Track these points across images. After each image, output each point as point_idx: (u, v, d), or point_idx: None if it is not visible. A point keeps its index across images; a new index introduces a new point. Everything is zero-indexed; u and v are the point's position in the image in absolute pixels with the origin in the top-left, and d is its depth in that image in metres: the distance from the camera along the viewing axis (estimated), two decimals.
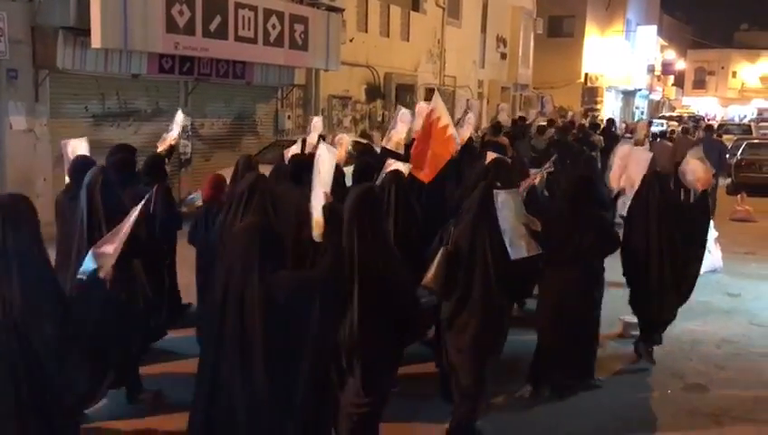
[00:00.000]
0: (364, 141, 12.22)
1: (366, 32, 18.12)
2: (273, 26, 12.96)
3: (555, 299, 5.22)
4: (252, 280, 2.88)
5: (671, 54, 49.25)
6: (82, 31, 9.91)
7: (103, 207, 4.41)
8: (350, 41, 17.00)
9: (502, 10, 26.80)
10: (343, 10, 15.57)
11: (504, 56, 27.63)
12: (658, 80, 48.41)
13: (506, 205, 4.20)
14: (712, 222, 8.38)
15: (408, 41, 20.33)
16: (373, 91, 18.71)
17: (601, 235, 5.24)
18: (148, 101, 12.20)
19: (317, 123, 8.38)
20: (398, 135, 7.43)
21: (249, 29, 12.42)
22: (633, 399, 5.50)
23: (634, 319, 6.81)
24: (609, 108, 36.93)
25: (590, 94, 35.42)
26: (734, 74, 62.23)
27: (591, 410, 5.22)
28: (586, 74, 35.26)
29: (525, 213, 4.41)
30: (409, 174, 5.84)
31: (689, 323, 7.16)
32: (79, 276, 3.60)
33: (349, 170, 6.21)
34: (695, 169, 6.22)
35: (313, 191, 3.72)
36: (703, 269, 8.89)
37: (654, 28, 41.64)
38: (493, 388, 4.65)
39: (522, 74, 29.20)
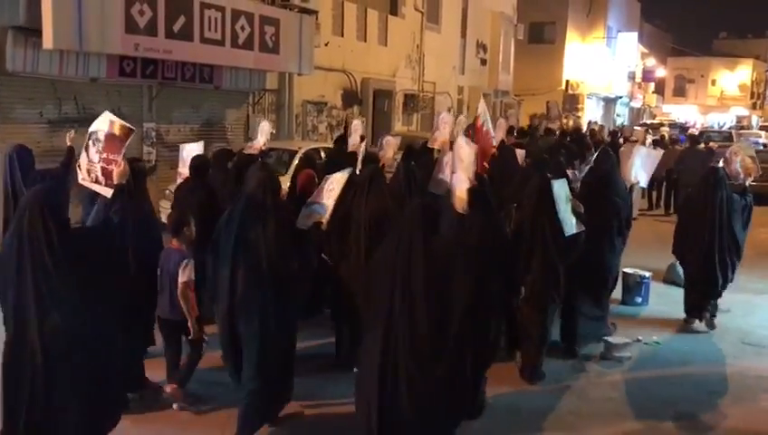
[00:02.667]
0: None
1: (342, 36, 17.60)
2: (242, 28, 12.39)
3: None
4: (417, 243, 3.61)
5: (652, 62, 49.27)
6: (34, 31, 9.28)
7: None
8: (326, 44, 16.48)
9: (482, 15, 26.42)
10: (317, 12, 15.03)
11: (484, 62, 27.24)
12: (639, 87, 48.36)
13: (559, 192, 5.04)
14: None
15: (385, 45, 19.83)
16: (350, 97, 18.18)
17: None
18: (109, 106, 11.44)
19: (357, 126, 8.84)
20: (442, 136, 8.25)
21: (216, 30, 11.84)
22: (621, 431, 5.00)
23: (619, 340, 6.36)
24: (590, 115, 36.66)
25: (571, 101, 35.11)
26: (714, 82, 62.69)
27: None
28: (567, 81, 34.95)
29: (572, 197, 5.37)
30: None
31: (678, 344, 6.71)
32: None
33: None
34: (743, 159, 7.25)
35: (461, 174, 4.74)
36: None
37: (635, 35, 41.52)
38: None
39: (502, 81, 28.81)
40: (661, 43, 54.44)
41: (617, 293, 7.96)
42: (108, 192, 4.52)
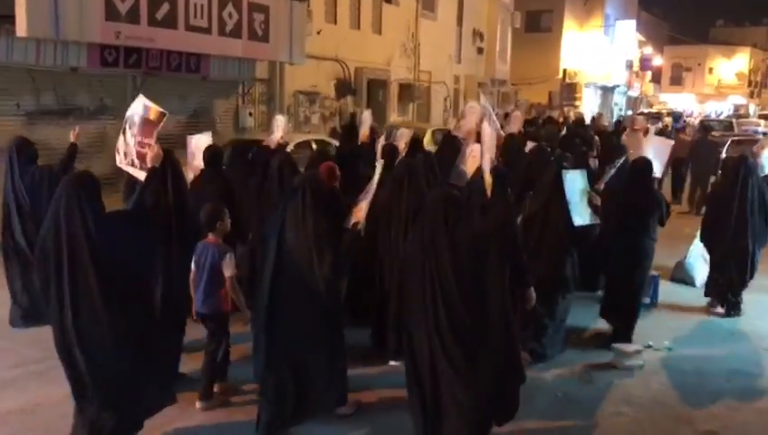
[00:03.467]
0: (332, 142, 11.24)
1: (335, 23, 17.09)
2: (230, 15, 11.90)
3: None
4: (440, 234, 3.62)
5: (649, 50, 48.77)
6: (7, 17, 8.78)
7: None
8: (318, 33, 15.97)
9: (478, 3, 25.90)
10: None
11: (480, 51, 26.74)
12: (637, 76, 47.87)
13: (574, 182, 4.94)
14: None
15: (380, 34, 19.32)
16: (343, 87, 17.68)
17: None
18: (91, 97, 11.08)
19: (367, 117, 8.92)
20: (468, 125, 8.14)
21: (202, 17, 11.35)
22: None
23: (629, 347, 5.94)
24: (589, 104, 36.20)
25: (569, 90, 34.64)
26: (711, 70, 62.13)
27: None
28: (564, 70, 34.46)
29: (589, 189, 5.31)
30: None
31: (691, 349, 6.30)
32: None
33: None
34: None
35: (482, 157, 4.75)
36: (698, 283, 8.16)
37: (633, 23, 40.96)
38: None
39: (499, 70, 28.33)
40: (658, 31, 53.95)
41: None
42: (141, 175, 4.67)
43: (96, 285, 3.57)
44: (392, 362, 5.40)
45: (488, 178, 4.64)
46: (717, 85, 61.66)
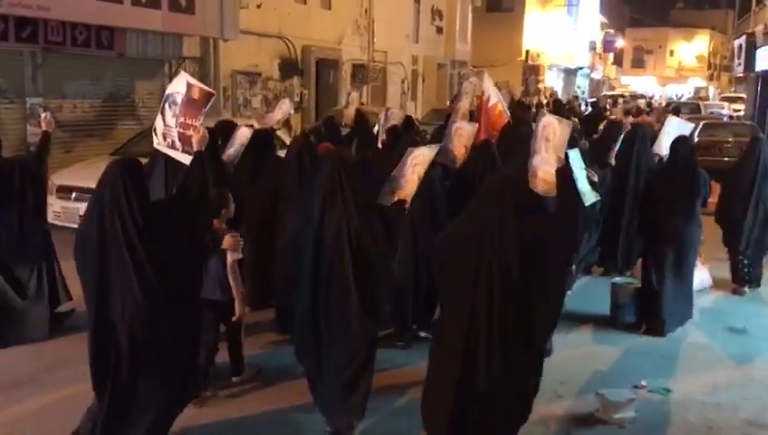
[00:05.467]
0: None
1: None
2: None
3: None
4: (509, 222, 3.39)
5: (612, 32, 48.15)
6: None
7: None
8: (258, 6, 14.43)
9: None
10: None
11: (440, 30, 25.39)
12: (600, 58, 47.16)
13: (575, 161, 4.49)
14: None
15: (329, 9, 17.81)
16: (289, 67, 16.16)
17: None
18: None
19: (354, 98, 9.21)
20: (463, 106, 8.14)
21: None
22: None
23: (617, 394, 4.66)
24: (551, 87, 35.16)
25: (531, 72, 33.56)
26: (672, 53, 62.20)
27: None
28: (527, 51, 33.31)
29: (586, 167, 4.93)
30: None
31: (696, 388, 5.04)
32: None
33: None
34: None
35: (545, 154, 4.49)
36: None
37: (597, 2, 40.07)
38: None
39: (459, 50, 27.02)
40: (620, 12, 53.40)
41: (604, 310, 6.35)
42: (184, 158, 4.51)
43: (137, 283, 3.37)
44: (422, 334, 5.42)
45: (548, 178, 4.37)
46: (678, 68, 61.71)
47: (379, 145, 7.36)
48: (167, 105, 4.80)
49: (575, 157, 4.75)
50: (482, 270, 3.36)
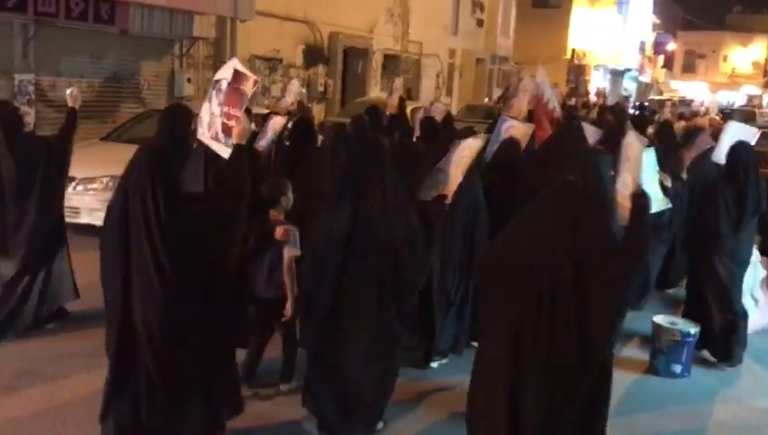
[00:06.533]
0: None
1: None
2: None
3: None
4: (566, 240, 3.00)
5: (663, 33, 46.39)
6: None
7: None
8: None
9: None
10: None
11: (480, 23, 24.19)
12: (649, 60, 45.37)
13: (648, 164, 4.29)
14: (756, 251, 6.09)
15: None
16: (313, 54, 15.19)
17: None
18: None
19: (398, 85, 8.18)
20: (519, 103, 7.49)
21: None
22: None
23: None
24: (603, 87, 33.68)
25: (577, 72, 32.16)
26: (725, 58, 60.21)
27: None
28: (573, 50, 31.93)
29: (660, 171, 4.99)
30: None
31: None
32: None
33: None
34: None
35: (620, 177, 3.98)
36: (750, 328, 5.91)
37: (650, 1, 38.38)
38: None
39: (501, 45, 25.79)
40: (672, 14, 51.55)
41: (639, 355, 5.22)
42: (226, 152, 4.27)
43: (158, 282, 3.17)
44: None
45: (625, 203, 3.76)
46: (731, 74, 59.59)
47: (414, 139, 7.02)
48: (213, 92, 4.54)
49: (649, 158, 4.50)
50: (530, 295, 3.00)
